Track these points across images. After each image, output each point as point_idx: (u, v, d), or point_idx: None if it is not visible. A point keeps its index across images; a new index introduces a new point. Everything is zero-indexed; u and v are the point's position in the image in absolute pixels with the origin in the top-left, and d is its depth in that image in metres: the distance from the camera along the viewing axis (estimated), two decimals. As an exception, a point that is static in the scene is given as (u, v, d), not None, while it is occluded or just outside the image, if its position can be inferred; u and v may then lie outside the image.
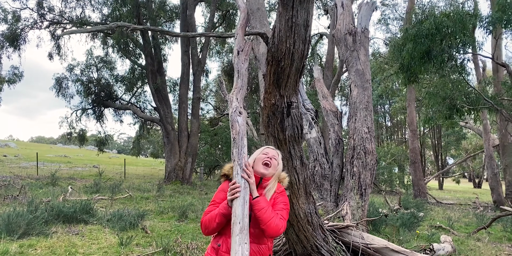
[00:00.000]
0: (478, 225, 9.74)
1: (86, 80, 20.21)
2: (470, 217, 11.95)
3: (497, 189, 16.49)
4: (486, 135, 17.83)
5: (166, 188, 14.27)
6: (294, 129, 4.35)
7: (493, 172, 17.12)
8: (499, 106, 8.95)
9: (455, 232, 8.91)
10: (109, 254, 5.54)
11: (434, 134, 40.78)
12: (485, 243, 7.72)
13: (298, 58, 4.13)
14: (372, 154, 6.24)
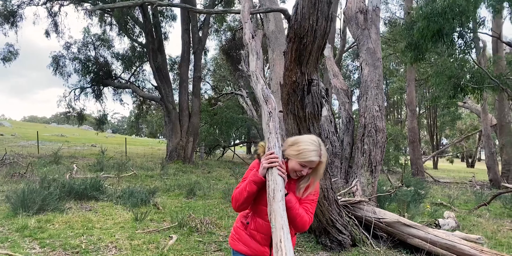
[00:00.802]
0: (477, 203, 9.99)
1: (84, 58, 19.95)
2: (468, 195, 12.23)
3: (493, 168, 16.79)
4: (485, 115, 18.01)
5: (169, 167, 14.38)
6: (314, 106, 4.40)
7: (490, 151, 17.39)
8: (504, 85, 9.03)
9: (456, 208, 9.15)
10: (126, 229, 5.65)
11: (430, 114, 41.03)
12: (486, 219, 7.96)
13: (320, 35, 4.13)
14: (383, 132, 6.33)
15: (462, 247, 4.71)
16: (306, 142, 2.10)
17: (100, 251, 4.64)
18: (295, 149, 2.10)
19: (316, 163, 2.08)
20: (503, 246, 5.78)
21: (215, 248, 5.03)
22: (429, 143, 44.03)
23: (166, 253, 4.57)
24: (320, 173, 2.15)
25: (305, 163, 2.07)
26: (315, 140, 2.13)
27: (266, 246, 2.19)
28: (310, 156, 2.05)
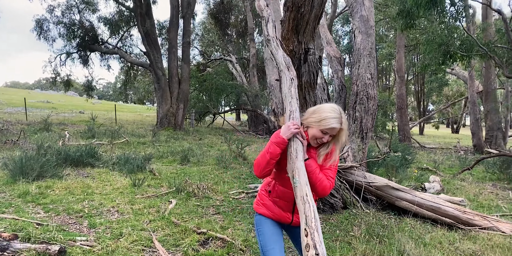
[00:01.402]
0: (461, 167, 10.41)
1: (69, 22, 19.35)
2: (453, 160, 12.67)
3: (477, 133, 17.28)
4: (471, 81, 18.27)
5: (160, 133, 14.47)
6: (310, 75, 4.49)
7: (475, 117, 17.81)
8: (492, 53, 9.16)
9: (441, 173, 9.54)
10: (125, 194, 5.83)
11: (417, 80, 41.30)
12: (469, 183, 8.35)
13: (317, 4, 4.16)
14: (374, 99, 6.48)
15: (446, 208, 5.01)
16: (327, 110, 2.15)
17: (103, 215, 4.82)
18: (316, 117, 2.15)
19: (337, 130, 2.14)
20: (483, 207, 6.15)
21: (213, 211, 5.26)
22: (416, 109, 44.63)
23: (167, 216, 4.77)
24: (342, 141, 2.19)
25: (327, 130, 2.12)
26: (336, 108, 2.18)
27: (288, 212, 2.32)
28: (332, 123, 2.10)
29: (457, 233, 4.64)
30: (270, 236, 2.28)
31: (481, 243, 4.29)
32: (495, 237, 4.47)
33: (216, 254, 3.74)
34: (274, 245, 2.22)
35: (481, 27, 13.17)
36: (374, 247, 3.95)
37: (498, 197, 7.03)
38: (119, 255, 3.61)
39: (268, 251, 2.20)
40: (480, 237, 4.46)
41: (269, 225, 2.34)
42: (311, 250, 1.73)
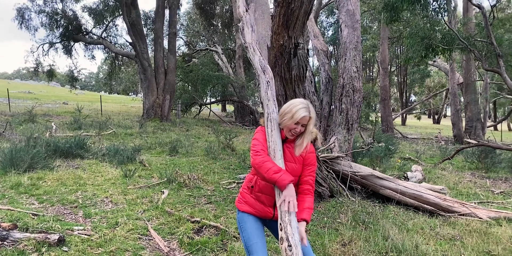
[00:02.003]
0: (442, 157, 10.79)
1: (51, 11, 18.99)
2: (434, 150, 13.08)
3: (458, 124, 17.78)
4: (452, 73, 18.71)
5: (147, 125, 14.49)
6: (300, 69, 4.65)
7: (456, 108, 18.30)
8: (472, 46, 9.46)
9: (423, 163, 9.87)
10: (117, 185, 5.93)
11: (400, 72, 41.91)
12: (450, 172, 8.70)
13: (307, 0, 4.29)
14: (360, 92, 6.68)
15: (428, 196, 5.28)
16: (296, 104, 2.39)
17: (98, 205, 4.94)
18: (289, 116, 2.36)
19: (307, 119, 2.36)
20: (463, 195, 6.46)
21: (205, 201, 5.42)
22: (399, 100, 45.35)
23: (161, 206, 4.91)
24: (310, 128, 2.40)
25: (299, 120, 2.34)
26: (303, 100, 2.42)
27: (270, 206, 2.45)
28: (302, 112, 2.33)
29: (437, 219, 4.91)
30: (252, 231, 2.40)
31: (460, 229, 4.56)
32: (473, 222, 4.75)
33: (211, 241, 3.91)
34: (256, 240, 2.35)
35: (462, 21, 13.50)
36: (360, 233, 4.18)
37: (476, 185, 7.37)
38: (116, 243, 3.74)
39: (252, 245, 2.33)
40: (459, 223, 4.74)
41: (251, 221, 2.46)
42: (284, 242, 1.93)
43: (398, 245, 3.81)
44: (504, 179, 8.21)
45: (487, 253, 3.90)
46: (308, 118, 2.37)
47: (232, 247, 3.78)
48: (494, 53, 8.57)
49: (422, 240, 4.12)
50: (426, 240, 4.16)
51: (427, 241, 4.14)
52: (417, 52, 9.68)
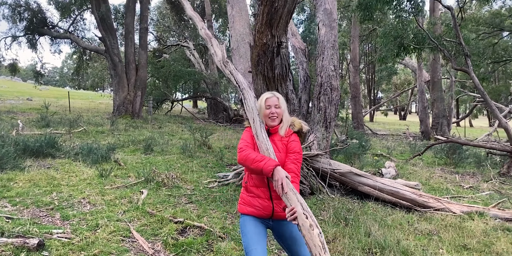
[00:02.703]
0: (411, 153, 11.12)
1: (14, 3, 18.13)
2: (403, 146, 13.47)
3: (425, 121, 18.38)
4: (420, 71, 19.30)
5: (118, 122, 14.14)
6: (282, 67, 4.66)
7: (423, 105, 18.91)
8: (442, 46, 9.78)
9: (394, 159, 10.15)
10: (94, 185, 5.77)
11: (369, 69, 42.86)
12: (421, 167, 8.99)
13: (290, 0, 4.30)
14: (337, 90, 6.77)
15: (404, 192, 5.44)
16: (261, 96, 2.71)
17: (75, 207, 4.78)
18: (259, 102, 2.69)
19: (275, 99, 2.61)
20: (435, 190, 6.69)
21: (186, 200, 5.36)
22: (367, 97, 46.38)
23: (141, 206, 4.81)
24: (283, 108, 2.62)
25: (267, 103, 2.61)
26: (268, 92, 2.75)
27: (267, 199, 2.48)
28: (265, 95, 2.65)
29: (414, 215, 5.08)
30: (252, 236, 2.42)
31: (436, 223, 4.73)
32: (448, 217, 4.94)
33: (196, 242, 3.87)
34: (256, 246, 2.36)
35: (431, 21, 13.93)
36: (343, 230, 4.25)
37: (446, 181, 7.66)
38: (99, 246, 3.64)
39: (251, 251, 2.35)
40: (435, 218, 4.92)
41: (252, 226, 2.48)
42: (315, 229, 2.03)
43: (381, 241, 3.90)
44: (471, 174, 8.57)
45: (463, 247, 4.07)
46: (275, 98, 2.62)
47: (218, 247, 3.77)
48: (463, 52, 8.88)
49: (402, 235, 4.25)
50: (405, 236, 4.29)
51: (407, 237, 4.27)
52: (390, 51, 9.92)
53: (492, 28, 19.30)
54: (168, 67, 19.85)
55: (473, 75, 8.67)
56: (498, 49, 20.23)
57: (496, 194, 6.71)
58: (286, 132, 2.59)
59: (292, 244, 2.51)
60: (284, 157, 2.52)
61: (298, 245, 2.47)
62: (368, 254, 3.76)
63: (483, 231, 4.54)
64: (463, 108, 51.58)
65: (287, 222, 2.40)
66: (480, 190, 7.04)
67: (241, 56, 7.16)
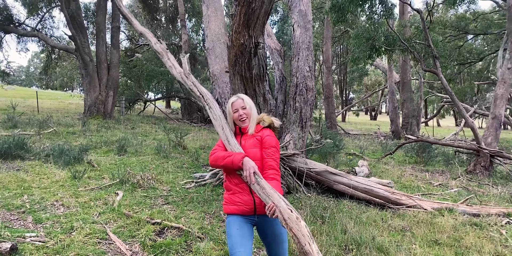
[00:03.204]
0: (383, 152, 11.42)
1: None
2: (375, 145, 13.79)
3: (395, 120, 18.87)
4: (391, 73, 19.80)
5: (89, 122, 13.82)
6: (260, 68, 4.69)
7: (394, 106, 19.40)
8: (412, 48, 10.08)
9: (367, 158, 10.39)
10: (67, 187, 5.63)
11: (340, 70, 43.58)
12: (392, 166, 9.24)
13: (267, 1, 4.35)
14: (312, 91, 6.87)
15: (378, 190, 5.58)
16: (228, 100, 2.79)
17: (48, 209, 4.66)
18: (227, 111, 2.75)
19: (240, 102, 2.69)
20: (406, 188, 6.90)
21: (163, 201, 5.31)
22: (339, 98, 47.14)
23: (117, 208, 4.74)
24: (250, 106, 2.70)
25: (234, 107, 2.69)
26: (233, 95, 2.82)
27: (248, 194, 2.53)
28: (231, 101, 2.72)
29: (388, 212, 5.22)
30: (236, 238, 2.46)
31: (408, 220, 4.88)
32: (419, 214, 5.11)
33: (174, 243, 3.85)
34: (240, 248, 2.41)
35: (401, 24, 14.33)
36: (320, 228, 4.33)
37: (417, 179, 7.90)
38: (75, 248, 3.57)
39: (235, 254, 2.40)
40: (407, 215, 5.08)
41: (236, 226, 2.52)
42: (302, 221, 2.19)
43: (357, 238, 4.00)
44: (440, 172, 8.87)
45: (435, 242, 4.22)
46: (240, 100, 2.70)
47: (197, 247, 3.76)
48: (432, 54, 9.18)
49: (377, 232, 4.37)
50: (380, 232, 4.41)
51: (381, 233, 4.39)
52: (363, 53, 10.14)
53: (458, 31, 20.05)
54: (140, 66, 19.56)
55: (442, 76, 8.98)
56: (463, 51, 21.07)
57: (464, 191, 6.99)
58: (256, 128, 2.68)
59: (272, 241, 2.61)
60: (260, 152, 2.58)
61: (277, 243, 2.59)
62: (345, 251, 3.85)
63: (453, 227, 4.72)
64: (431, 108, 53.21)
65: (270, 219, 2.48)
66: (449, 187, 7.30)
67: (217, 56, 7.15)
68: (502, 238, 4.47)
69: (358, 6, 8.70)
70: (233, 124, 2.77)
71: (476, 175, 8.41)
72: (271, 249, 2.62)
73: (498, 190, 7.03)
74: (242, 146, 2.65)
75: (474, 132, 8.77)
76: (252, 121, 2.68)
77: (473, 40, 26.45)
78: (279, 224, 2.51)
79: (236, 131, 2.77)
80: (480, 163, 8.57)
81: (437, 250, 4.00)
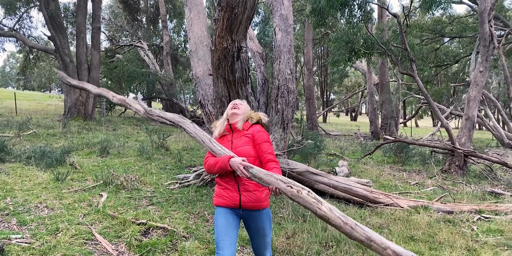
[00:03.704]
0: (362, 152, 11.70)
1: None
2: (355, 146, 14.09)
3: (375, 121, 19.28)
4: (370, 75, 20.22)
5: (70, 124, 13.68)
6: (243, 71, 4.83)
7: (373, 107, 19.82)
8: (390, 51, 10.39)
9: (347, 158, 10.63)
10: (50, 190, 5.64)
11: (321, 72, 44.12)
12: (371, 166, 9.50)
13: (250, 6, 4.49)
14: (294, 93, 7.04)
15: (357, 189, 5.79)
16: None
17: (32, 211, 4.68)
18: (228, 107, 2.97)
19: (238, 101, 2.99)
20: (385, 187, 7.14)
21: (147, 202, 5.38)
22: (320, 99, 47.69)
23: (102, 209, 4.79)
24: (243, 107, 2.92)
25: (235, 103, 2.95)
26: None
27: (235, 191, 2.68)
28: (235, 101, 2.98)
29: (366, 210, 5.43)
30: (222, 228, 2.62)
31: (386, 217, 5.09)
32: (396, 211, 5.33)
33: (160, 242, 3.94)
34: (225, 237, 2.57)
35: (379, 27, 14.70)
36: (301, 226, 4.49)
37: (395, 178, 8.17)
38: (61, 249, 3.62)
39: (219, 242, 2.57)
40: (385, 213, 5.29)
41: (222, 218, 2.68)
42: (303, 191, 2.29)
43: (336, 235, 4.17)
44: (417, 171, 9.18)
45: (410, 238, 4.43)
46: (239, 100, 3.00)
47: (182, 246, 3.86)
48: (408, 57, 9.49)
49: (356, 229, 4.54)
50: (359, 229, 4.59)
51: (360, 230, 4.57)
52: (342, 56, 10.40)
53: (434, 34, 20.64)
54: (121, 67, 19.42)
55: (418, 78, 9.29)
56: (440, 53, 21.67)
57: (439, 189, 7.27)
58: (245, 125, 2.81)
59: (255, 234, 2.78)
60: (253, 149, 2.71)
61: (260, 236, 2.77)
62: (325, 247, 4.01)
63: (428, 223, 4.95)
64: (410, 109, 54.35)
65: (255, 214, 2.68)
66: (425, 186, 7.58)
67: (199, 58, 7.24)
68: (473, 234, 4.71)
69: (338, 10, 8.97)
70: (225, 120, 2.91)
71: (451, 174, 8.73)
72: (254, 241, 2.81)
73: (471, 188, 7.34)
74: (234, 144, 2.76)
75: (448, 132, 9.11)
76: (242, 114, 2.84)
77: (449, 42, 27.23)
78: (262, 219, 2.71)
79: (227, 129, 2.87)
80: (454, 162, 8.90)
81: (412, 246, 4.20)
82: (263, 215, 2.73)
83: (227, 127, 2.86)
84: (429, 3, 8.66)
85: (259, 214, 2.71)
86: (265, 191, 2.72)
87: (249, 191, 2.66)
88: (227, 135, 2.87)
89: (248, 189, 2.66)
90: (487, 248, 4.21)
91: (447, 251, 4.04)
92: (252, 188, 2.67)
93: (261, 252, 2.82)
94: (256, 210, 2.70)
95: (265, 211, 2.75)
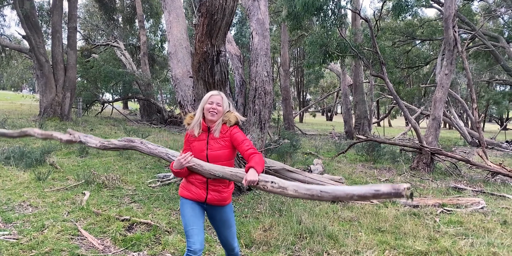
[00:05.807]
0: (337, 151, 12.12)
1: None
2: (330, 145, 14.54)
3: (349, 121, 19.83)
4: (344, 76, 20.78)
5: (46, 124, 13.58)
6: (222, 74, 5.09)
7: (347, 107, 20.38)
8: (361, 54, 10.85)
9: (321, 156, 11.02)
10: (32, 189, 5.75)
11: (297, 73, 44.73)
12: (344, 164, 9.91)
13: (228, 13, 4.76)
14: (270, 94, 7.34)
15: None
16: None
17: (16, 210, 4.81)
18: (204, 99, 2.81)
19: (219, 99, 2.77)
20: (357, 183, 7.53)
21: (129, 200, 5.57)
22: (296, 99, 48.30)
23: (85, 207, 4.96)
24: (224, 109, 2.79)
25: (212, 100, 2.75)
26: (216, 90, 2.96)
27: (203, 189, 2.80)
28: (211, 93, 2.82)
29: (338, 205, 5.77)
30: (189, 218, 2.77)
31: (356, 211, 5.45)
32: (366, 206, 5.70)
33: (144, 236, 4.16)
34: (193, 226, 2.73)
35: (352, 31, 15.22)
36: (278, 220, 4.79)
37: (366, 175, 8.58)
38: (49, 244, 3.79)
39: (188, 231, 2.72)
40: (355, 207, 5.65)
41: (188, 208, 2.81)
42: (268, 183, 2.57)
43: (310, 228, 4.48)
44: (388, 169, 9.64)
45: (378, 230, 4.79)
46: (219, 97, 2.79)
47: (166, 240, 4.09)
48: (379, 61, 9.95)
49: (328, 222, 4.88)
50: (331, 222, 4.93)
51: (332, 223, 4.91)
52: (317, 58, 10.79)
53: (406, 37, 21.41)
54: (98, 67, 19.30)
55: (387, 80, 9.76)
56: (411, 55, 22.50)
57: (407, 185, 7.70)
58: (222, 129, 2.75)
59: (220, 226, 2.92)
60: (228, 152, 2.76)
61: (225, 227, 2.91)
62: (300, 239, 4.31)
63: (395, 216, 5.33)
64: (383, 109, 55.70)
65: (218, 208, 2.85)
66: (394, 182, 8.01)
67: (179, 60, 7.45)
68: (436, 225, 5.11)
69: (313, 15, 9.34)
70: (201, 116, 2.80)
71: (419, 171, 9.22)
72: (220, 232, 2.94)
73: (436, 184, 7.82)
74: (209, 145, 2.75)
75: (416, 132, 9.61)
76: (220, 119, 2.75)
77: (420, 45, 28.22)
78: (226, 211, 2.88)
79: (203, 128, 2.78)
80: (422, 160, 9.40)
81: (380, 236, 4.55)
82: (226, 208, 2.87)
83: (203, 127, 2.78)
84: (399, 10, 9.14)
85: (223, 208, 2.86)
86: (231, 190, 2.88)
87: (217, 192, 2.78)
88: (202, 133, 2.79)
89: (218, 189, 2.78)
90: (446, 238, 4.60)
91: (411, 241, 4.41)
92: (221, 188, 2.79)
93: (229, 242, 2.94)
94: (220, 206, 2.85)
95: (228, 205, 2.88)
